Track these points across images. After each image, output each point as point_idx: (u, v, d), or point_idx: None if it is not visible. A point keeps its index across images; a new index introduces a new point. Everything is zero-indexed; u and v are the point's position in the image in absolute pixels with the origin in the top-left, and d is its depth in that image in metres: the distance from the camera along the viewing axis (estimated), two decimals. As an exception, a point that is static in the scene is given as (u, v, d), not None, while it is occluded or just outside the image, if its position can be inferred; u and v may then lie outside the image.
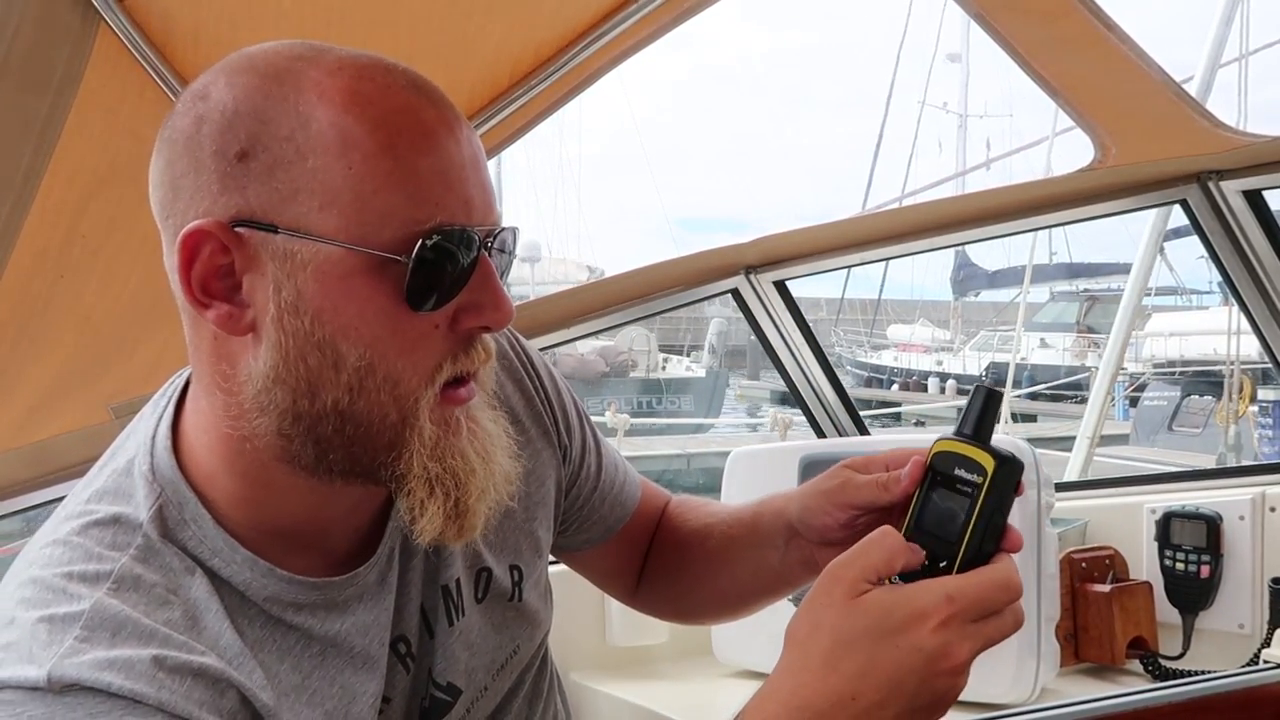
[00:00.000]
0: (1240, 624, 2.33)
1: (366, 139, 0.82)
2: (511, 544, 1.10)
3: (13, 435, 1.83)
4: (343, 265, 0.83)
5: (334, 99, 0.83)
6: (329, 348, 0.84)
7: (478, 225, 0.86)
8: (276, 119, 0.83)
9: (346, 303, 0.83)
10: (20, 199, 1.44)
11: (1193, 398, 15.23)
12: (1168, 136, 2.23)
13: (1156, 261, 5.50)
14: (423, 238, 0.83)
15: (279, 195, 0.83)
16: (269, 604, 0.90)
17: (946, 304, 31.36)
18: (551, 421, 1.16)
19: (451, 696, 1.03)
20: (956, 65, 32.09)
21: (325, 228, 0.82)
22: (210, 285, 0.85)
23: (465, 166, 0.86)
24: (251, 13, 1.47)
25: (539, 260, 25.24)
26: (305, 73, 0.84)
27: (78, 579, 0.84)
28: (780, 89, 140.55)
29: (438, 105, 0.86)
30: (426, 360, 0.87)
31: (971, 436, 0.91)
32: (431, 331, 0.86)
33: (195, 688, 0.81)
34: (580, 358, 21.66)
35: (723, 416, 22.92)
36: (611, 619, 2.37)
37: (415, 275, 0.83)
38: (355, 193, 0.82)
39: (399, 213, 0.83)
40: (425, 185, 0.84)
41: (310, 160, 0.82)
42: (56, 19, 1.32)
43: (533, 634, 1.12)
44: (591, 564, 1.30)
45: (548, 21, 1.71)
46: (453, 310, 0.87)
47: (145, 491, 0.90)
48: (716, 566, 1.21)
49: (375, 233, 0.83)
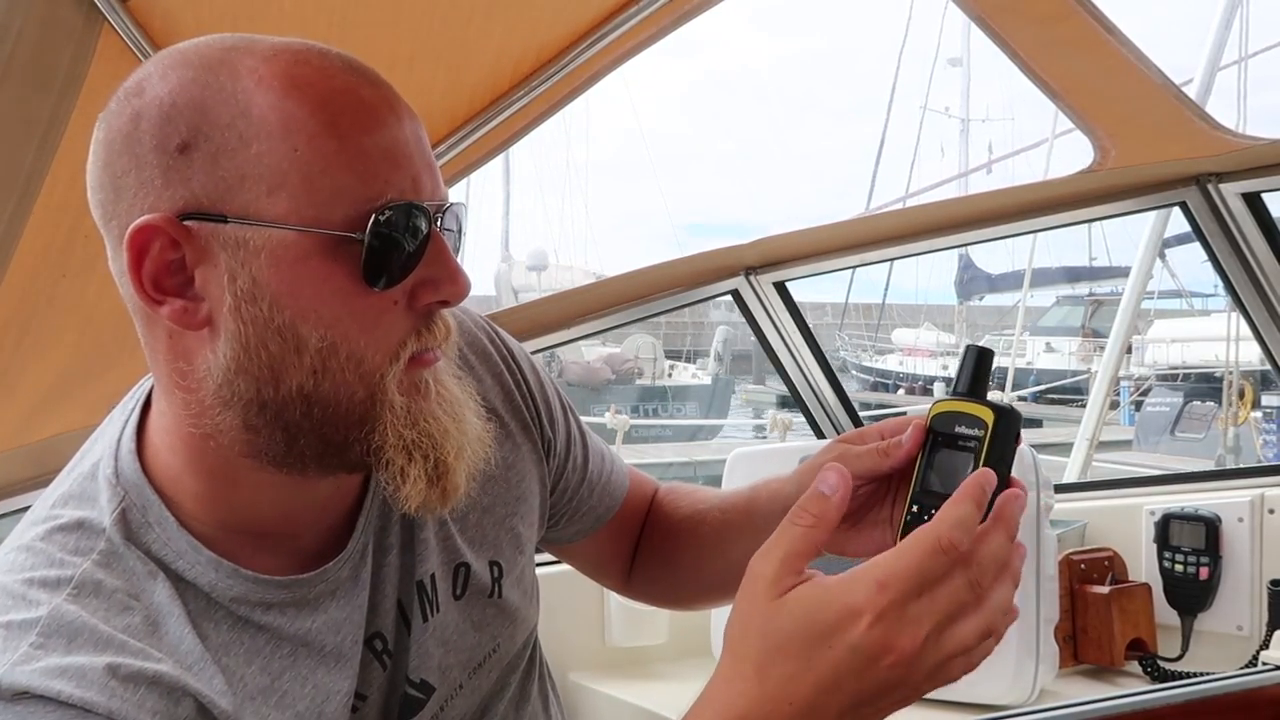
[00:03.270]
0: (1239, 626, 2.34)
1: (309, 120, 0.82)
2: (491, 539, 1.09)
3: (15, 434, 1.84)
4: (297, 248, 0.83)
5: (272, 84, 0.83)
6: (289, 332, 0.84)
7: (426, 201, 0.86)
8: (215, 108, 0.83)
9: (304, 285, 0.83)
10: (23, 199, 1.45)
11: (1195, 403, 15.20)
12: (1167, 139, 2.23)
13: (1158, 266, 5.50)
14: (375, 214, 0.82)
15: (225, 184, 0.82)
16: (235, 605, 0.89)
17: (951, 308, 31.31)
18: (533, 415, 1.15)
19: (424, 694, 1.02)
20: (958, 70, 32.09)
21: (275, 212, 0.82)
22: (162, 282, 0.84)
23: (409, 144, 0.86)
24: (253, 13, 1.48)
25: (545, 268, 25.23)
26: (240, 61, 0.84)
27: (38, 585, 0.84)
28: (785, 95, 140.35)
29: (376, 85, 0.86)
30: (388, 337, 0.86)
31: (968, 394, 0.91)
32: (391, 308, 0.86)
33: (149, 696, 0.80)
34: (586, 365, 21.66)
35: (728, 421, 22.90)
36: (611, 619, 2.37)
37: (370, 252, 0.83)
38: (303, 175, 0.82)
39: (349, 191, 0.83)
40: (373, 163, 0.83)
41: (254, 146, 0.82)
42: (60, 19, 1.32)
43: (514, 632, 1.11)
44: (583, 555, 1.30)
45: (549, 23, 1.71)
46: (410, 287, 0.87)
47: (109, 495, 0.90)
48: (711, 552, 1.20)
49: (327, 213, 0.82)
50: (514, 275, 26.14)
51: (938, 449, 0.91)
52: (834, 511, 0.82)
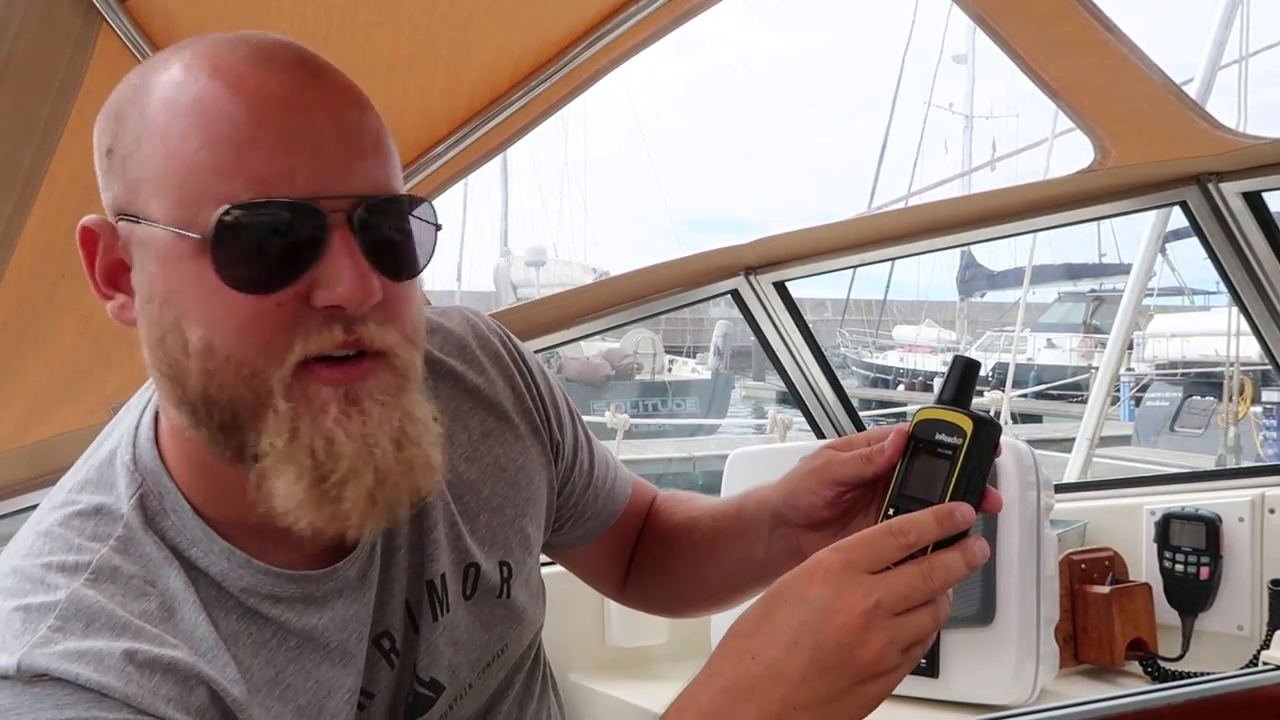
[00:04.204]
0: (1239, 625, 2.34)
1: (181, 120, 0.82)
2: (501, 540, 1.09)
3: (14, 435, 1.84)
4: (175, 249, 0.83)
5: (167, 84, 0.84)
6: (178, 332, 0.84)
7: (314, 196, 0.81)
8: (127, 111, 0.85)
9: (184, 286, 0.83)
10: (22, 199, 1.45)
11: (1194, 399, 15.20)
12: (1167, 138, 2.23)
13: (1159, 262, 5.51)
14: (220, 215, 0.80)
15: (132, 186, 0.85)
16: (245, 595, 0.90)
17: (952, 304, 31.32)
18: (543, 419, 1.16)
19: (434, 692, 1.02)
20: (963, 66, 32.08)
21: (157, 213, 0.83)
22: (114, 278, 0.88)
23: (300, 135, 0.82)
24: (253, 13, 1.47)
25: (544, 264, 25.21)
26: (170, 60, 0.85)
27: (56, 569, 0.85)
28: (786, 91, 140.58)
29: (284, 71, 0.83)
30: (273, 340, 0.82)
31: (951, 403, 0.93)
32: (273, 310, 0.82)
33: (164, 683, 0.81)
34: (585, 361, 21.63)
35: (728, 418, 22.89)
36: (611, 620, 2.37)
37: (217, 255, 0.81)
38: (174, 175, 0.82)
39: (212, 192, 0.81)
40: (239, 161, 0.81)
41: (144, 147, 0.84)
42: (58, 20, 1.32)
43: (522, 633, 1.12)
44: (581, 560, 1.30)
45: (548, 23, 1.71)
46: (305, 287, 0.83)
47: (127, 481, 0.91)
48: (702, 559, 1.21)
49: (194, 215, 0.82)
50: (512, 271, 26.17)
51: (918, 455, 0.94)
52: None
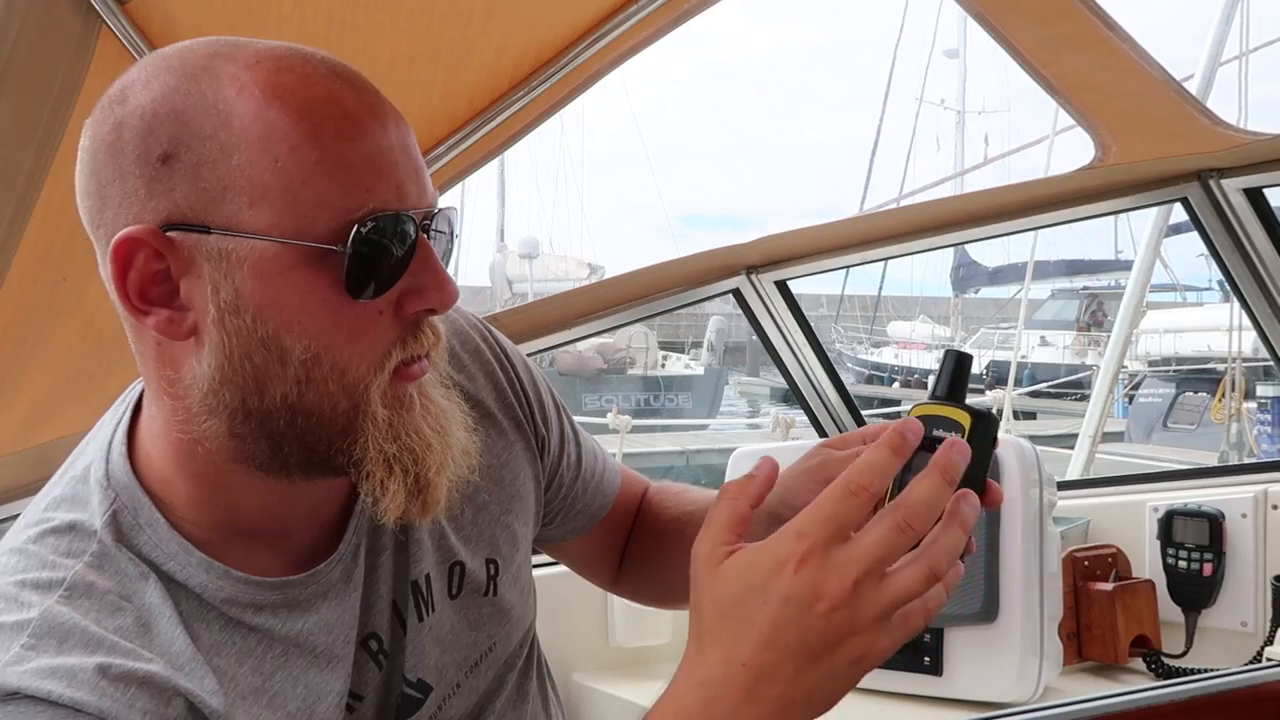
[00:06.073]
0: (1243, 622, 2.34)
1: (291, 131, 0.82)
2: (487, 537, 1.09)
3: (16, 439, 1.83)
4: (279, 260, 0.82)
5: (254, 93, 0.82)
6: (273, 343, 0.83)
7: (412, 209, 0.85)
8: (196, 118, 0.82)
9: (287, 297, 0.83)
10: (23, 203, 1.44)
11: (1187, 394, 15.24)
12: (1168, 135, 2.23)
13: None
14: (357, 225, 0.82)
15: (207, 195, 0.82)
16: (227, 606, 0.90)
17: (947, 300, 31.32)
18: (527, 414, 1.15)
19: (421, 693, 1.02)
20: (954, 61, 32.08)
21: (258, 224, 0.82)
22: (148, 292, 0.85)
23: (394, 150, 0.85)
24: (252, 15, 1.47)
25: (537, 256, 25.16)
26: (222, 69, 0.84)
27: (30, 587, 0.84)
28: (784, 86, 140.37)
29: (360, 91, 0.85)
30: (374, 347, 0.86)
31: (946, 398, 0.91)
32: (376, 318, 0.86)
33: (139, 697, 0.81)
34: (578, 354, 21.56)
35: (721, 414, 22.89)
36: (614, 619, 2.37)
37: (352, 264, 0.82)
38: (284, 186, 0.81)
39: (331, 203, 0.82)
40: (355, 173, 0.83)
41: (235, 157, 0.81)
42: (58, 22, 1.32)
43: (510, 631, 1.11)
44: (574, 553, 1.30)
45: (548, 23, 1.70)
46: (396, 295, 0.86)
47: (100, 497, 0.90)
48: None
49: (309, 225, 0.82)
50: (508, 265, 26.11)
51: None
52: (756, 486, 0.84)
